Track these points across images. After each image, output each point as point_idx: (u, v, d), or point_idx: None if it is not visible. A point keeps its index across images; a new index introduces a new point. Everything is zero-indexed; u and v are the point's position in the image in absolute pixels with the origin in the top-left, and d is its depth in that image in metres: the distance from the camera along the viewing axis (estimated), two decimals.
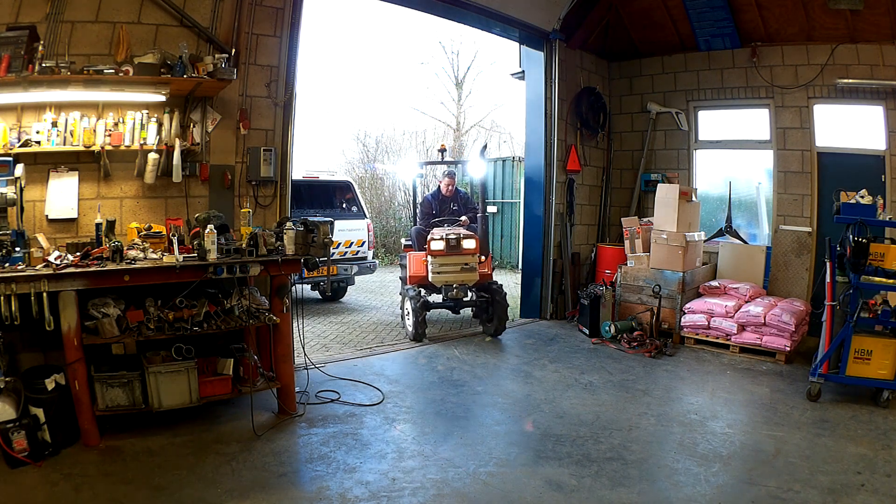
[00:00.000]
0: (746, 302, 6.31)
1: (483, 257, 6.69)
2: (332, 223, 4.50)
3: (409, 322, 6.63)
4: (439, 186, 7.68)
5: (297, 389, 4.55)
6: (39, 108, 4.08)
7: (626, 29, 8.15)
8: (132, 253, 3.89)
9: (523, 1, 6.99)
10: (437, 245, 6.39)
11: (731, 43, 7.43)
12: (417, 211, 7.78)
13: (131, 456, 3.65)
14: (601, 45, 8.24)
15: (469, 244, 6.41)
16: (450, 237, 6.38)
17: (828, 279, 5.00)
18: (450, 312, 7.31)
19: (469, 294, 6.59)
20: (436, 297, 6.76)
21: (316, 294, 9.29)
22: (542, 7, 7.25)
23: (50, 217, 4.19)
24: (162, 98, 4.29)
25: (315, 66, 24.37)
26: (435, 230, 6.83)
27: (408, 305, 6.67)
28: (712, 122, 7.93)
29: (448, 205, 7.54)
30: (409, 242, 7.47)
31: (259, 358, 4.44)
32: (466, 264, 6.42)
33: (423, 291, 6.65)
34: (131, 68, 4.08)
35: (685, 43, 7.82)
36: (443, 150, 7.97)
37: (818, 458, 3.84)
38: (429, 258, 6.46)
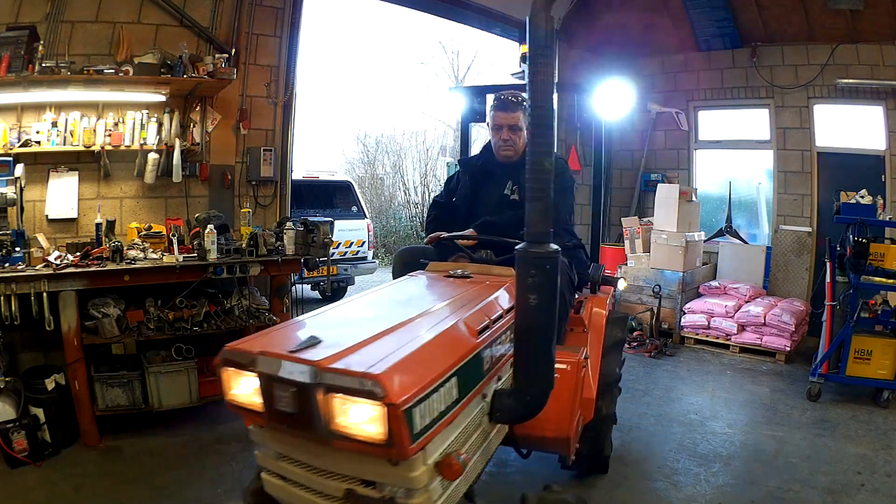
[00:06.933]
0: (746, 302, 6.31)
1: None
2: (332, 223, 4.50)
3: None
4: (489, 141, 3.31)
5: None
6: (39, 108, 4.08)
7: (626, 29, 8.14)
8: (132, 253, 3.88)
9: (523, 1, 6.97)
10: None
11: (731, 43, 7.42)
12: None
13: (131, 456, 3.65)
14: (601, 44, 8.23)
15: None
16: None
17: (828, 279, 5.00)
18: None
19: None
20: None
21: (316, 294, 9.29)
22: None
23: (50, 217, 4.18)
24: (162, 98, 4.29)
25: (315, 66, 24.34)
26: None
27: None
28: (712, 122, 7.92)
29: (499, 185, 3.22)
30: None
31: None
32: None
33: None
34: (131, 68, 4.08)
35: (685, 43, 7.82)
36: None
37: (818, 458, 3.84)
38: None
